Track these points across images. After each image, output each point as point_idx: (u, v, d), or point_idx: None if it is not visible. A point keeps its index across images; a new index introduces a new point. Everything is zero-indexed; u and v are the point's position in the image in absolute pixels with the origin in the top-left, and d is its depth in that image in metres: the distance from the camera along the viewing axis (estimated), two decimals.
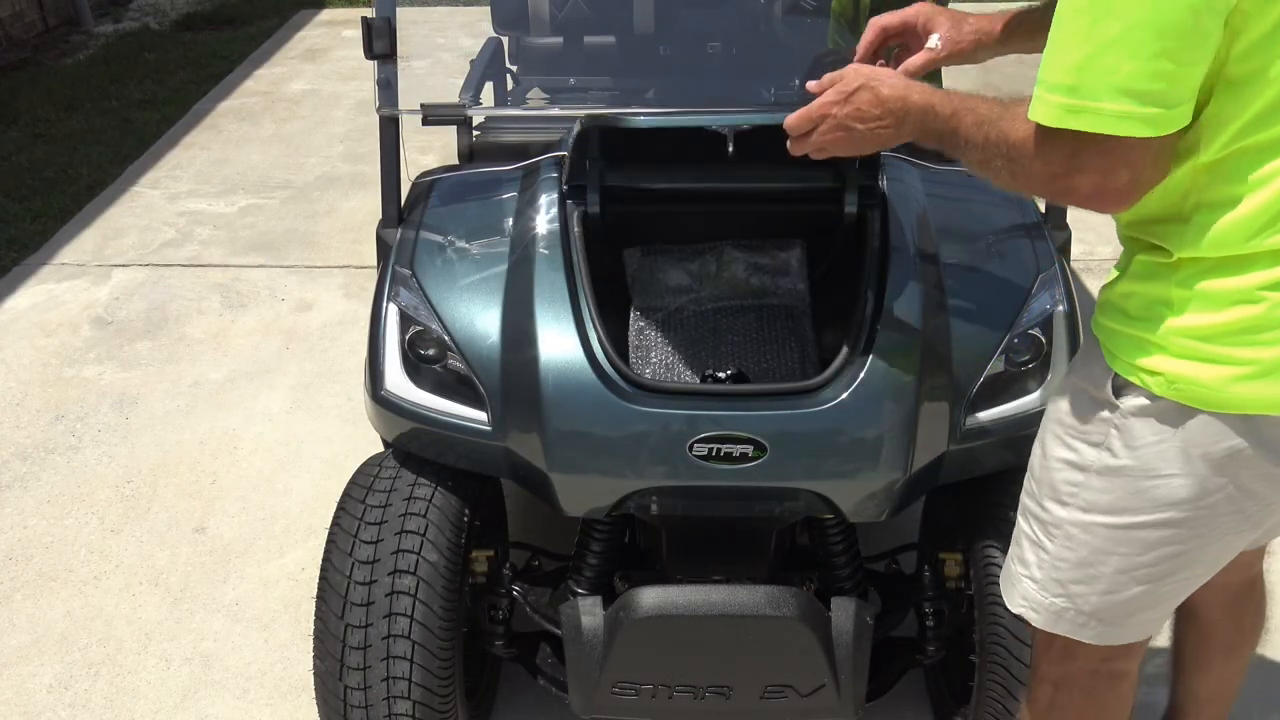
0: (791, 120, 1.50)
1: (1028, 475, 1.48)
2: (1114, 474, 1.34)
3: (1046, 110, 1.16)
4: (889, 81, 1.41)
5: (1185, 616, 1.82)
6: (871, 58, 1.76)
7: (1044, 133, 1.19)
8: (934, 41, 1.71)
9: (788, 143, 1.53)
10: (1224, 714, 1.96)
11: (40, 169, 5.00)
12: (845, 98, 1.43)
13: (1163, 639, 2.10)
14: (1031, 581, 1.47)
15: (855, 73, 1.44)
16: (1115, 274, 1.38)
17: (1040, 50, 1.71)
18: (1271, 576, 2.54)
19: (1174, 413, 1.27)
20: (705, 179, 2.11)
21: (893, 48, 1.79)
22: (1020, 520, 1.50)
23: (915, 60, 1.71)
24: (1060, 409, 1.41)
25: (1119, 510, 1.35)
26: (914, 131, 1.41)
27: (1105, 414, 1.33)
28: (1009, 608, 1.52)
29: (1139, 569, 1.38)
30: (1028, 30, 1.67)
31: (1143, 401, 1.29)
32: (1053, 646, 1.55)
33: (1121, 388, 1.31)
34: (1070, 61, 1.13)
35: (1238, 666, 1.89)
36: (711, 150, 2.05)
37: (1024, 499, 1.49)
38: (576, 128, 1.84)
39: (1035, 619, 1.48)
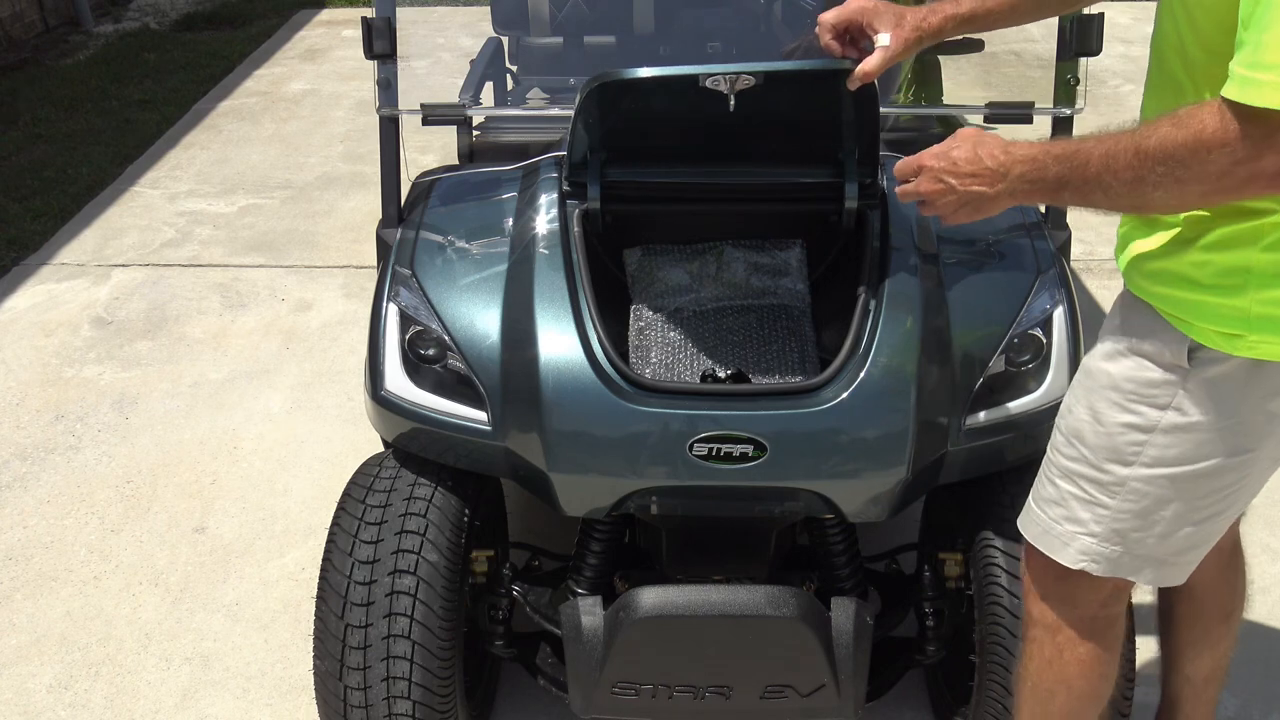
0: (899, 167, 1.53)
1: (1069, 442, 1.51)
2: (1182, 430, 1.39)
3: (1276, 93, 1.12)
4: (991, 140, 1.42)
5: (1178, 593, 1.85)
6: (840, 39, 1.78)
7: (1235, 120, 1.16)
8: (883, 40, 1.71)
9: (897, 188, 1.54)
10: (1217, 696, 1.97)
11: (40, 169, 5.00)
12: (945, 151, 1.45)
13: (1146, 639, 2.10)
14: (1090, 537, 1.51)
15: (963, 132, 1.46)
16: (1159, 242, 1.38)
17: (1015, 24, 1.71)
18: (1269, 578, 2.55)
19: (1246, 367, 1.33)
20: (705, 174, 2.11)
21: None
22: (1063, 484, 1.52)
23: (871, 61, 1.71)
24: (1113, 377, 1.44)
25: (1186, 461, 1.41)
26: (1018, 189, 1.40)
27: (1172, 377, 1.38)
28: (1065, 564, 1.54)
29: (1197, 510, 1.45)
30: (998, 8, 1.68)
31: (1217, 362, 1.34)
32: (1048, 598, 1.60)
33: (1195, 351, 1.35)
34: None
35: (1232, 639, 1.91)
36: (712, 143, 2.04)
37: (1068, 464, 1.51)
38: (585, 90, 1.82)
39: (1095, 569, 1.52)
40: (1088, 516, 1.50)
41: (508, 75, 4.04)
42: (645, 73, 1.79)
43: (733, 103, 1.77)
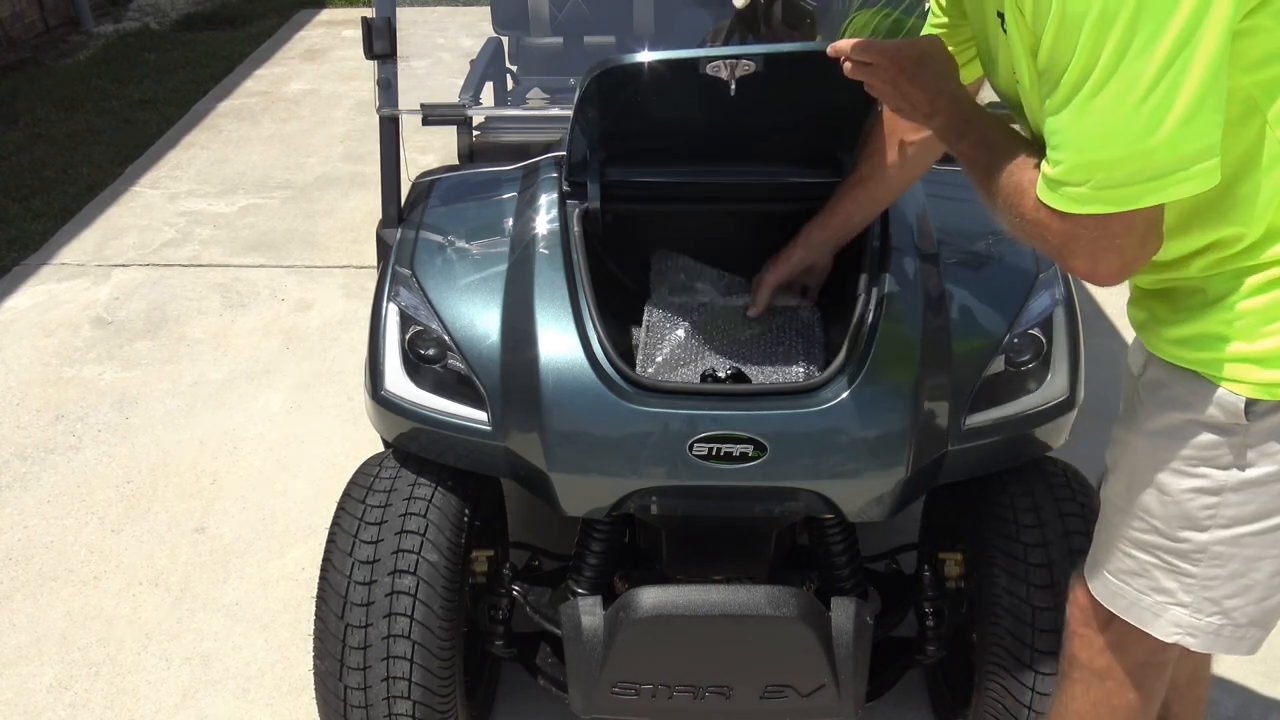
0: (857, 47, 1.49)
1: (1137, 516, 1.45)
2: (1254, 485, 1.34)
3: (1105, 204, 1.16)
4: (930, 77, 1.41)
5: None
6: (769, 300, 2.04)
7: (1048, 214, 1.21)
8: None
9: (844, 62, 1.52)
10: (1205, 695, 1.96)
11: (40, 169, 5.00)
12: (898, 67, 1.44)
13: None
14: (1181, 608, 1.45)
15: (917, 49, 1.44)
16: (1181, 308, 1.36)
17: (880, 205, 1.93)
18: None
19: None
20: (705, 174, 2.11)
21: None
22: (1140, 555, 1.46)
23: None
24: (1168, 447, 1.39)
25: (1265, 515, 1.36)
26: (939, 132, 1.43)
27: (1232, 436, 1.33)
28: (1159, 638, 1.48)
29: None
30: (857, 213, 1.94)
31: (1275, 411, 1.30)
32: (1097, 643, 1.55)
33: (1251, 405, 1.31)
34: (1117, 155, 1.13)
35: None
36: (712, 142, 2.05)
37: (1140, 536, 1.45)
38: (586, 80, 1.83)
39: (1192, 643, 1.46)
40: (1174, 585, 1.44)
41: (508, 75, 4.05)
42: (647, 57, 1.79)
43: (733, 89, 1.77)
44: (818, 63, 1.60)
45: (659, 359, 1.98)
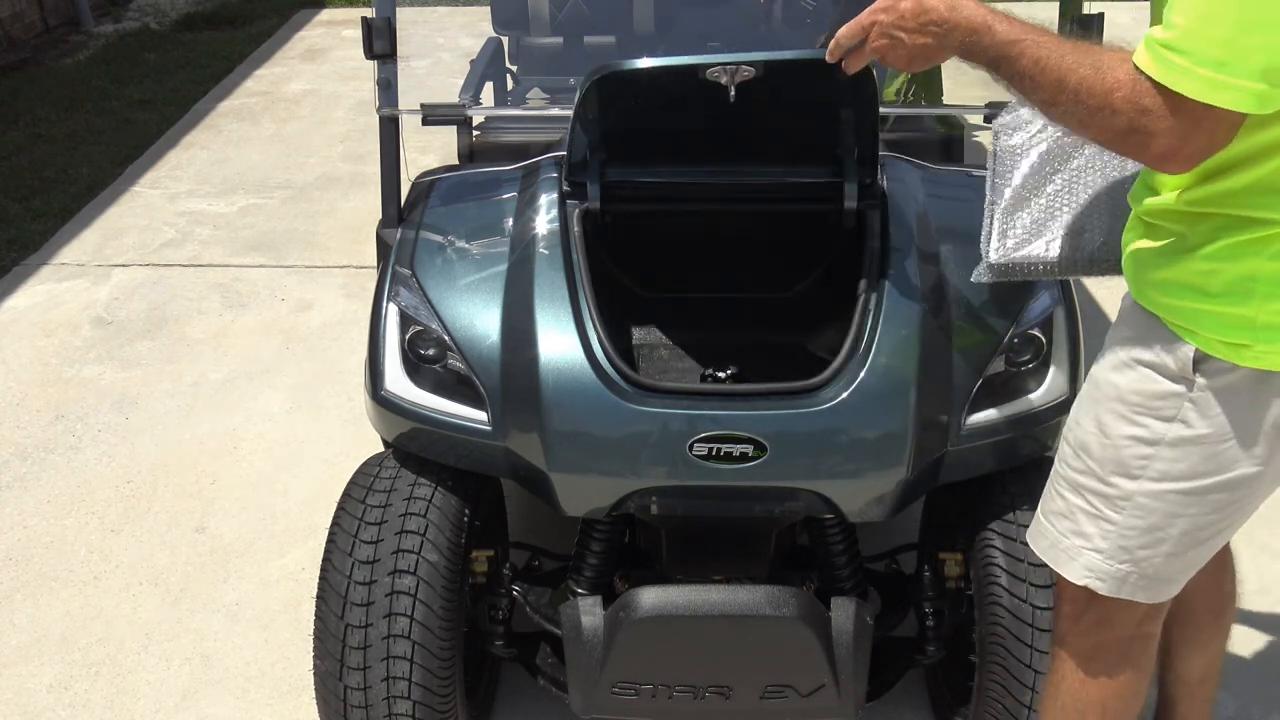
0: (844, 31, 1.49)
1: (1076, 454, 1.50)
2: (1189, 443, 1.37)
3: (1194, 83, 1.15)
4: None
5: None
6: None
7: (1142, 91, 1.19)
8: None
9: (841, 63, 1.51)
10: (1213, 695, 1.97)
11: (40, 169, 5.00)
12: (892, 4, 1.42)
13: None
14: (1096, 553, 1.50)
15: None
16: (1162, 248, 1.36)
17: None
18: (1269, 577, 2.55)
19: (1252, 378, 1.32)
20: (705, 174, 2.11)
21: None
22: (1070, 497, 1.51)
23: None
24: (1119, 388, 1.43)
25: (1193, 476, 1.39)
26: (961, 49, 1.39)
27: (1178, 389, 1.36)
28: (1071, 580, 1.53)
29: (1204, 528, 1.43)
30: None
31: (1223, 373, 1.33)
32: (1083, 619, 1.58)
33: (1200, 362, 1.34)
34: (1221, 35, 1.13)
35: (1223, 639, 1.91)
36: (712, 143, 2.05)
37: (1075, 476, 1.50)
38: (585, 85, 1.83)
39: (1101, 587, 1.51)
40: (1094, 531, 1.49)
41: (508, 75, 4.05)
42: (646, 63, 1.79)
43: (733, 94, 1.77)
44: (817, 68, 1.60)
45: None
